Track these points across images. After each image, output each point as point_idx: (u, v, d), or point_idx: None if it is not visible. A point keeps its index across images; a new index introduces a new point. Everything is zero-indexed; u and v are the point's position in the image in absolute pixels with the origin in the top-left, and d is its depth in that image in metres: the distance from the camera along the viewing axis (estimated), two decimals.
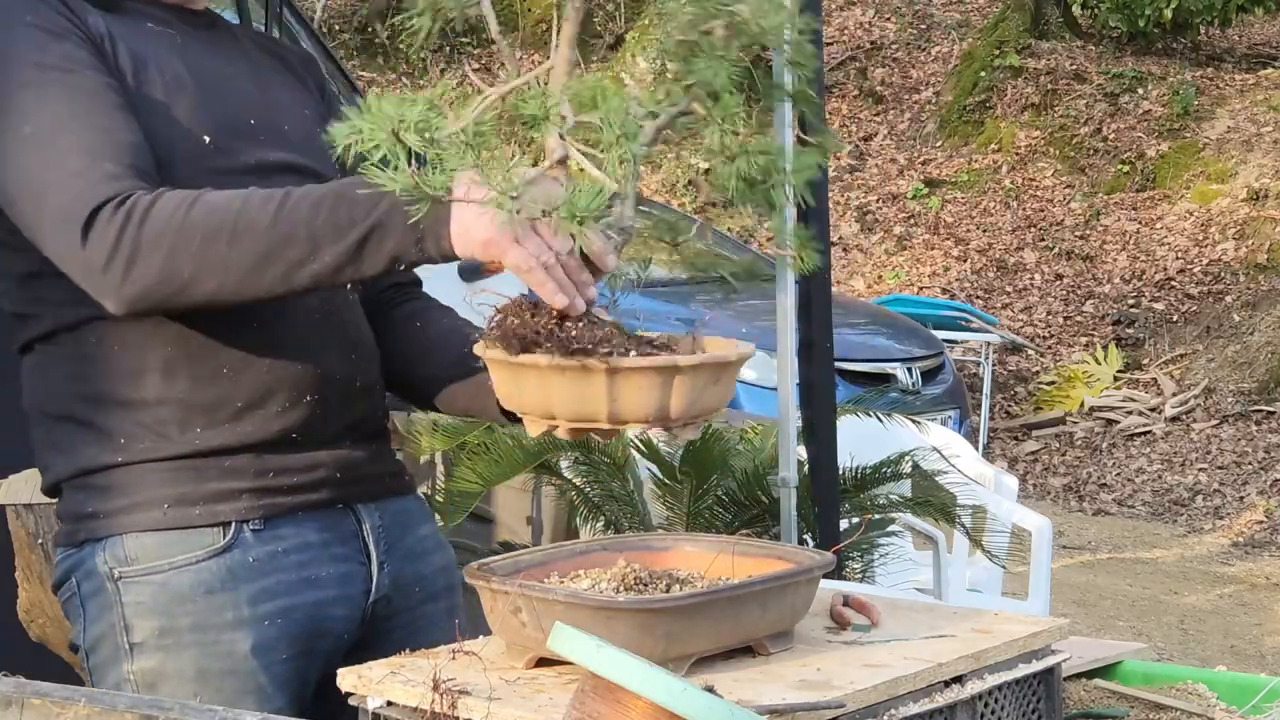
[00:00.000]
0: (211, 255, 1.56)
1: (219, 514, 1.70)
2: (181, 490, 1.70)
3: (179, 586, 1.69)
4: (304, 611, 1.73)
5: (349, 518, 1.81)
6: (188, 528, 1.69)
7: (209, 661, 1.69)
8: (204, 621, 1.69)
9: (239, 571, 1.70)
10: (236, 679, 1.69)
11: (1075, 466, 9.33)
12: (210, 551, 1.70)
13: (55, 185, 1.59)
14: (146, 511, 1.70)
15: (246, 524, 1.71)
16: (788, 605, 1.58)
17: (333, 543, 1.78)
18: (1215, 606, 6.66)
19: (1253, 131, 11.89)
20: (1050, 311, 11.11)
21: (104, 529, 1.71)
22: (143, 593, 1.69)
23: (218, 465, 1.71)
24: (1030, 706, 1.66)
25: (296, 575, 1.73)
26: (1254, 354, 9.96)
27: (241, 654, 1.69)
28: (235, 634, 1.69)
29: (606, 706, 1.17)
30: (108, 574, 1.70)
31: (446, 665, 1.51)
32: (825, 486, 3.80)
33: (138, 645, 1.70)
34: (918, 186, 12.60)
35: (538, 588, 1.52)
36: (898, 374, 7.80)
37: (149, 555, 1.69)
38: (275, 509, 1.73)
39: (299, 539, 1.75)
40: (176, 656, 1.69)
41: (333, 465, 1.78)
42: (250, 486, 1.72)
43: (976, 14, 14.60)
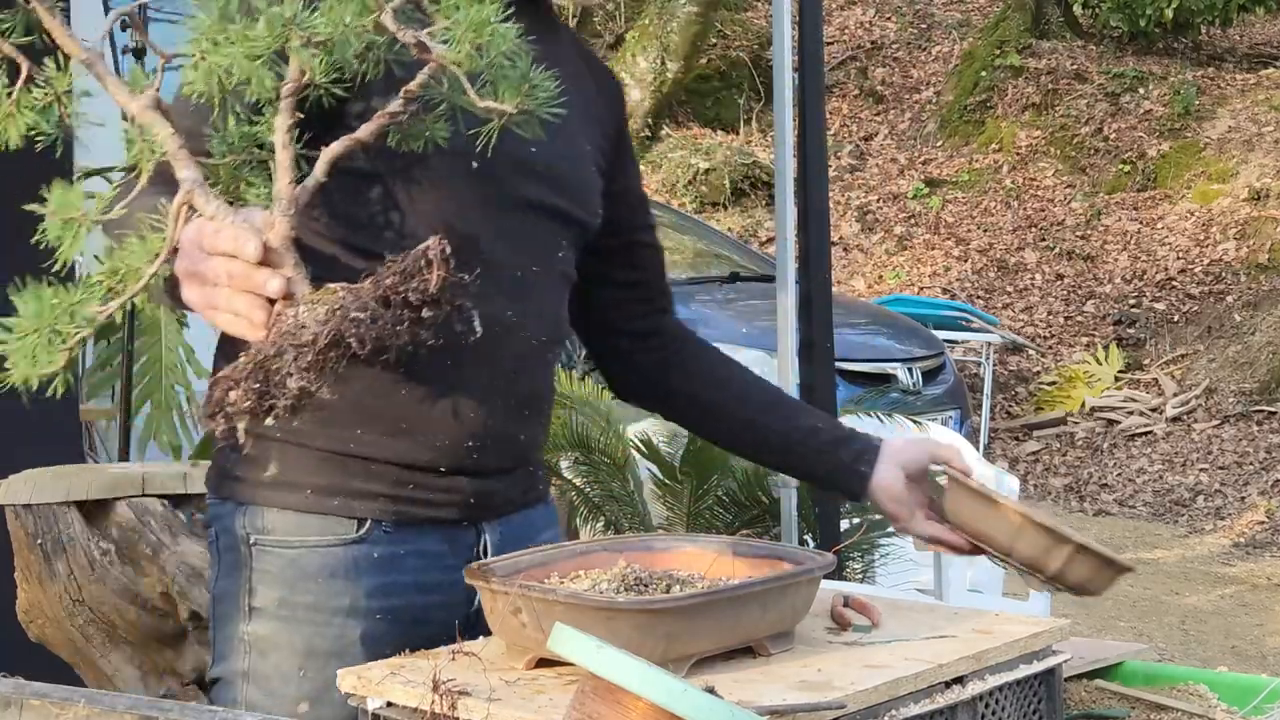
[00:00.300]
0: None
1: (354, 509, 1.75)
2: (325, 481, 1.75)
3: (307, 564, 1.75)
4: (410, 614, 1.77)
5: (471, 533, 1.83)
6: (324, 514, 1.75)
7: (319, 641, 1.74)
8: (322, 603, 1.74)
9: (363, 564, 1.75)
10: (340, 662, 1.73)
11: (1076, 467, 9.33)
12: (342, 540, 1.75)
13: None
14: (290, 492, 1.75)
15: (380, 524, 1.76)
16: (788, 606, 1.58)
17: (448, 555, 1.81)
18: (1216, 607, 6.66)
19: (1254, 131, 11.89)
20: (1051, 311, 11.12)
21: (246, 495, 1.78)
22: (272, 563, 1.75)
23: (364, 468, 1.75)
24: (1031, 707, 1.66)
25: (411, 578, 1.78)
26: (1255, 354, 9.96)
27: (350, 640, 1.74)
28: (348, 620, 1.74)
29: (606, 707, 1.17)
30: (244, 538, 1.77)
31: (446, 666, 1.51)
32: None
33: (257, 610, 1.76)
34: (918, 186, 12.61)
35: (538, 588, 1.52)
36: (898, 374, 7.80)
37: (285, 530, 1.75)
38: (406, 517, 1.78)
39: (420, 546, 1.79)
40: (290, 629, 1.75)
41: (470, 493, 1.80)
42: (388, 493, 1.76)
43: (977, 13, 14.61)
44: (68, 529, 3.08)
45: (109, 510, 3.11)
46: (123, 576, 3.09)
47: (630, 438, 4.25)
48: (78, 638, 3.12)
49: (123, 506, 3.11)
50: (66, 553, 3.08)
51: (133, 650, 3.16)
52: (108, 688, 3.04)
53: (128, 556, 3.10)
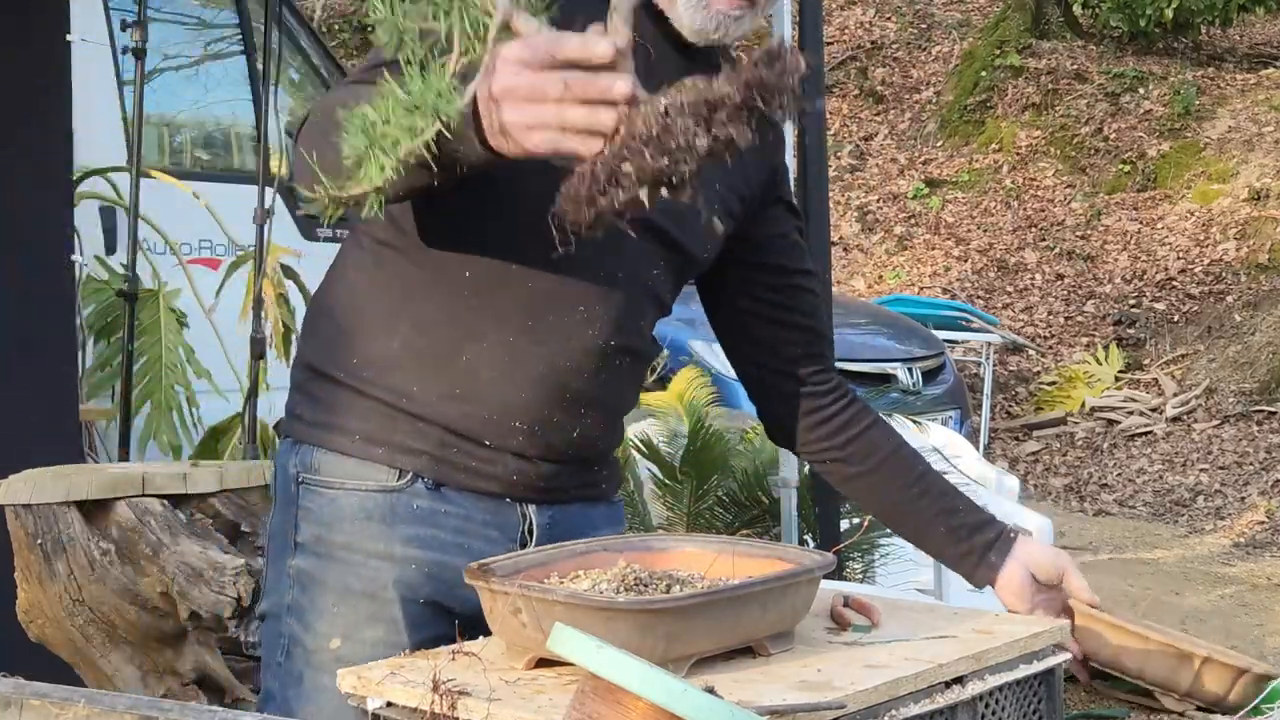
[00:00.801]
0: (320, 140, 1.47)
1: (397, 461, 1.79)
2: (372, 429, 1.79)
3: (344, 505, 1.80)
4: (448, 573, 1.79)
5: (515, 509, 1.86)
6: (369, 460, 1.80)
7: (352, 580, 1.79)
8: (355, 543, 1.79)
9: (401, 511, 1.80)
10: (374, 604, 1.78)
11: (1076, 467, 9.33)
12: (381, 486, 1.80)
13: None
14: (339, 435, 1.81)
15: (421, 478, 1.80)
16: (788, 606, 1.58)
17: (491, 525, 1.84)
18: (1216, 607, 6.67)
19: (1254, 131, 11.89)
20: (1051, 311, 11.12)
21: (301, 434, 1.84)
22: (315, 501, 1.81)
23: (412, 424, 1.79)
24: (1031, 707, 1.66)
25: (452, 539, 1.81)
26: (1255, 354, 9.96)
27: (384, 582, 1.79)
28: (381, 563, 1.79)
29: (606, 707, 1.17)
30: (294, 476, 1.83)
31: (446, 666, 1.51)
32: (825, 487, 3.80)
33: (300, 545, 1.82)
34: (918, 186, 12.61)
35: (538, 588, 1.52)
36: (898, 374, 7.80)
37: (329, 470, 1.81)
38: (448, 479, 1.81)
39: (463, 510, 1.82)
40: (325, 566, 1.80)
41: (513, 470, 1.82)
42: (432, 452, 1.80)
43: (977, 13, 14.61)
44: (68, 529, 3.08)
45: (109, 510, 3.11)
46: (123, 576, 3.09)
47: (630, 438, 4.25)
48: (78, 638, 3.12)
49: (123, 506, 3.11)
50: (66, 553, 3.08)
51: (133, 650, 3.16)
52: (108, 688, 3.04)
53: (128, 556, 3.10)
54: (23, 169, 3.84)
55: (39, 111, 3.87)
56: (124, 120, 5.61)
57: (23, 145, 3.83)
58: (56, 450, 3.62)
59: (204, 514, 3.31)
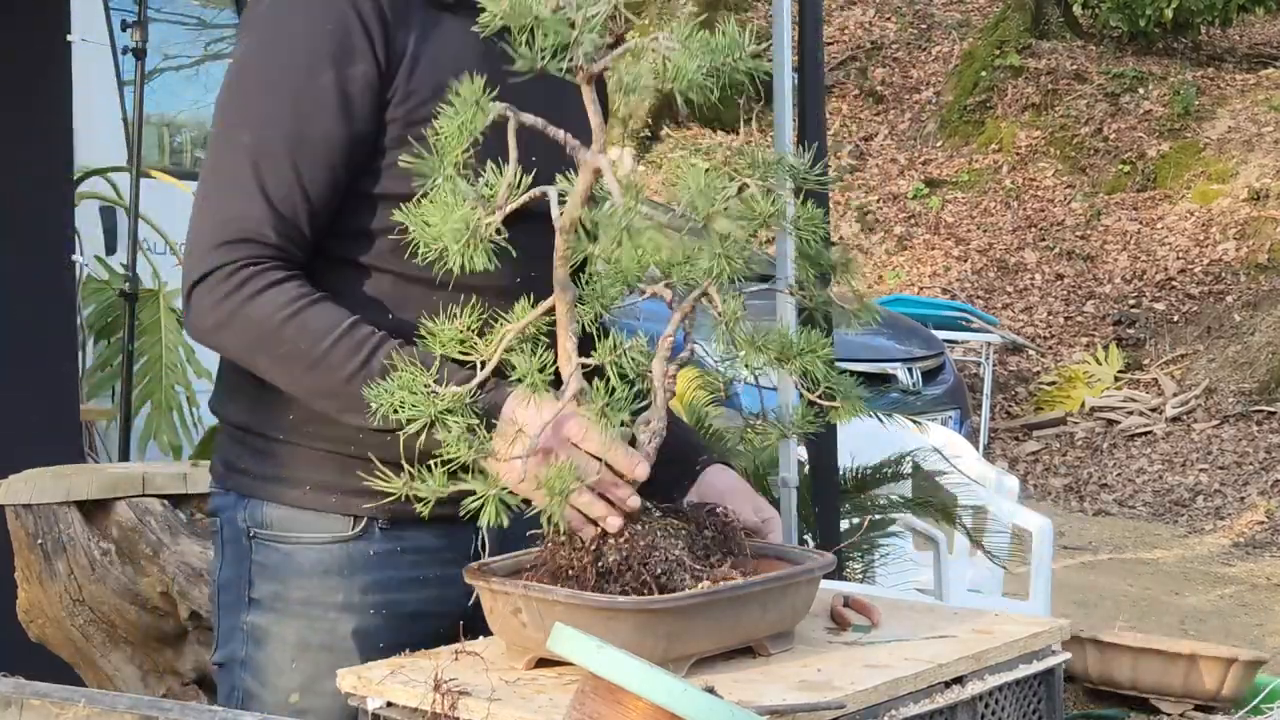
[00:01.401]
0: (285, 369, 1.67)
1: (352, 506, 1.78)
2: (325, 478, 1.78)
3: (301, 561, 1.78)
4: (406, 609, 1.80)
5: (468, 529, 1.82)
6: (322, 511, 1.78)
7: (310, 634, 1.78)
8: (314, 598, 1.78)
9: (358, 560, 1.78)
10: (332, 656, 1.76)
11: (1076, 467, 9.33)
12: (336, 538, 1.78)
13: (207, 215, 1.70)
14: (291, 488, 1.79)
15: (376, 521, 1.79)
16: (788, 606, 1.58)
17: (445, 549, 1.82)
18: (1216, 607, 6.67)
19: (1254, 131, 11.89)
20: (1051, 312, 11.12)
21: (250, 489, 1.82)
22: (270, 556, 1.79)
23: (365, 466, 1.75)
24: (1031, 707, 1.66)
25: (408, 574, 1.80)
26: (1255, 354, 9.96)
27: (342, 634, 1.78)
28: (340, 615, 1.78)
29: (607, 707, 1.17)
30: (244, 530, 1.81)
31: (447, 666, 1.51)
32: (825, 486, 3.80)
33: (255, 601, 1.80)
34: (918, 186, 12.61)
35: (538, 588, 1.52)
36: (898, 374, 7.79)
37: (282, 525, 1.79)
38: (404, 514, 1.76)
39: (417, 542, 1.81)
40: (283, 622, 1.78)
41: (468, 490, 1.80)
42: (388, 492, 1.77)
43: (977, 14, 14.61)
44: (68, 529, 3.08)
45: (109, 510, 3.11)
46: (123, 576, 3.09)
47: None
48: (78, 638, 3.12)
49: (123, 506, 3.11)
50: (66, 553, 3.08)
51: (133, 650, 3.16)
52: (108, 688, 3.04)
53: (128, 556, 3.10)
54: (23, 169, 3.83)
55: (39, 111, 3.87)
56: (124, 120, 5.61)
57: (23, 145, 3.83)
58: (56, 450, 3.61)
59: (204, 514, 3.30)
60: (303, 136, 1.68)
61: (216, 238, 1.67)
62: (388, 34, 1.70)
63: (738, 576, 1.52)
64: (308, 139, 1.68)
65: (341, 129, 1.69)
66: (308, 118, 1.68)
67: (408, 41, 1.72)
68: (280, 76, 1.70)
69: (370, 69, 1.69)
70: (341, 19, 1.69)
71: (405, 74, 1.71)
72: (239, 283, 1.65)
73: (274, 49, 1.72)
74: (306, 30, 1.70)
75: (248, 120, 1.70)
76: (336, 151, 1.69)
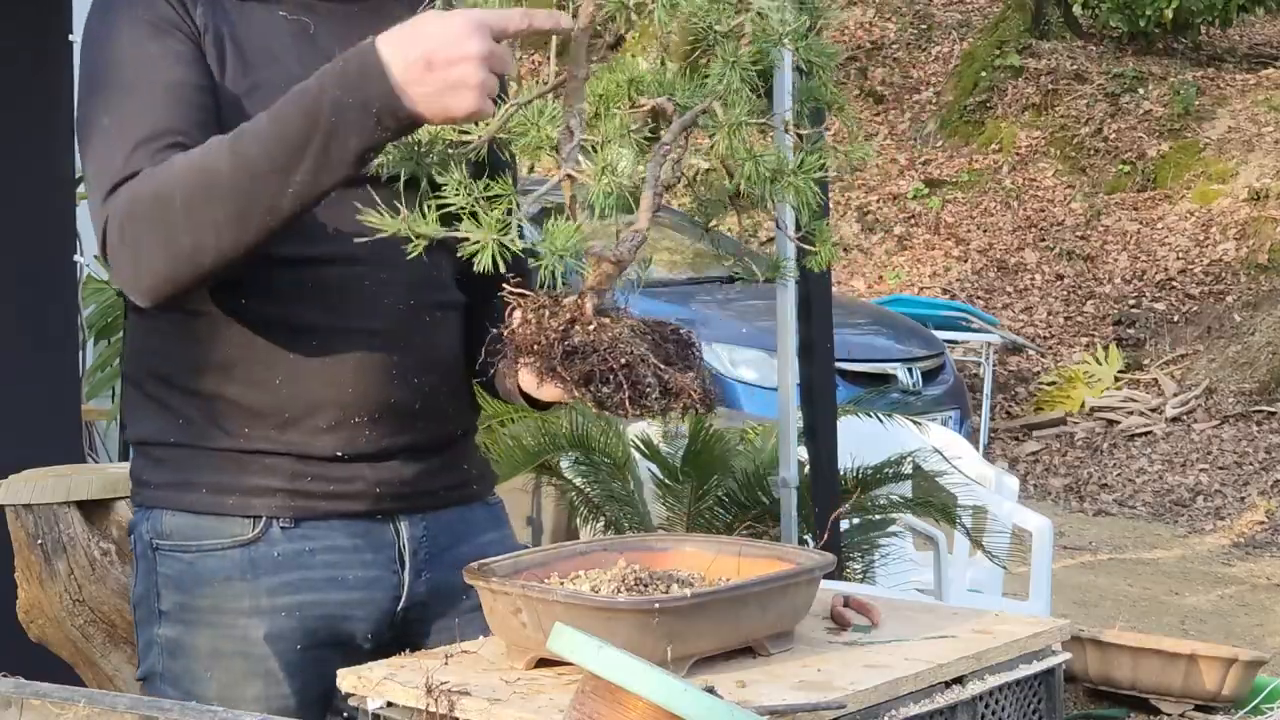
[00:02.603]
0: (196, 219, 1.58)
1: (251, 507, 1.76)
2: (220, 479, 1.76)
3: (202, 569, 1.76)
4: (325, 609, 1.77)
5: (387, 527, 1.82)
6: (220, 514, 1.76)
7: (221, 642, 1.76)
8: (221, 605, 1.76)
9: (261, 563, 1.75)
10: (247, 661, 1.75)
11: (1076, 467, 9.33)
12: (236, 541, 1.76)
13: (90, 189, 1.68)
14: (186, 492, 1.77)
15: (276, 520, 1.76)
16: (788, 606, 1.58)
17: (364, 549, 1.80)
18: (1216, 607, 6.66)
19: (1254, 131, 11.89)
20: (1051, 312, 11.11)
21: (151, 499, 1.80)
22: (173, 567, 1.78)
23: (258, 462, 1.76)
24: (1031, 707, 1.66)
25: (323, 574, 1.77)
26: (1255, 354, 9.96)
27: (254, 639, 1.75)
28: (250, 620, 1.75)
29: (606, 707, 1.17)
30: (149, 543, 1.80)
31: (446, 667, 1.51)
32: (825, 487, 3.80)
33: (164, 613, 1.79)
34: (918, 186, 12.60)
35: (538, 588, 1.52)
36: (898, 374, 7.80)
37: (181, 534, 1.77)
38: (308, 511, 1.77)
39: (328, 541, 1.78)
40: (194, 632, 1.77)
41: (374, 480, 1.79)
42: (285, 487, 1.76)
43: (977, 14, 14.60)
44: (68, 529, 3.08)
45: (109, 510, 3.11)
46: (123, 576, 3.09)
47: (630, 438, 4.25)
48: (78, 638, 3.12)
49: (123, 506, 3.11)
50: (67, 553, 3.08)
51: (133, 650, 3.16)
52: (108, 688, 3.04)
53: (128, 556, 3.10)
54: (24, 169, 3.83)
55: (39, 111, 3.87)
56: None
57: (24, 145, 3.83)
58: (56, 450, 3.61)
59: None
60: (150, 89, 1.67)
61: (97, 203, 1.65)
62: (187, 9, 1.72)
63: (695, 389, 1.48)
64: (154, 89, 1.67)
65: (188, 77, 1.69)
66: (150, 76, 1.68)
67: (208, 18, 1.73)
68: (115, 63, 1.71)
69: (190, 33, 1.71)
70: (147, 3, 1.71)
71: (210, 45, 1.72)
72: (115, 206, 1.62)
73: (103, 46, 1.73)
74: (127, 17, 1.71)
75: (100, 109, 1.69)
76: (189, 93, 1.68)
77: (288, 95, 1.56)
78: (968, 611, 1.77)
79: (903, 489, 4.37)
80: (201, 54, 1.71)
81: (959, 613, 1.77)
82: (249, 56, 1.74)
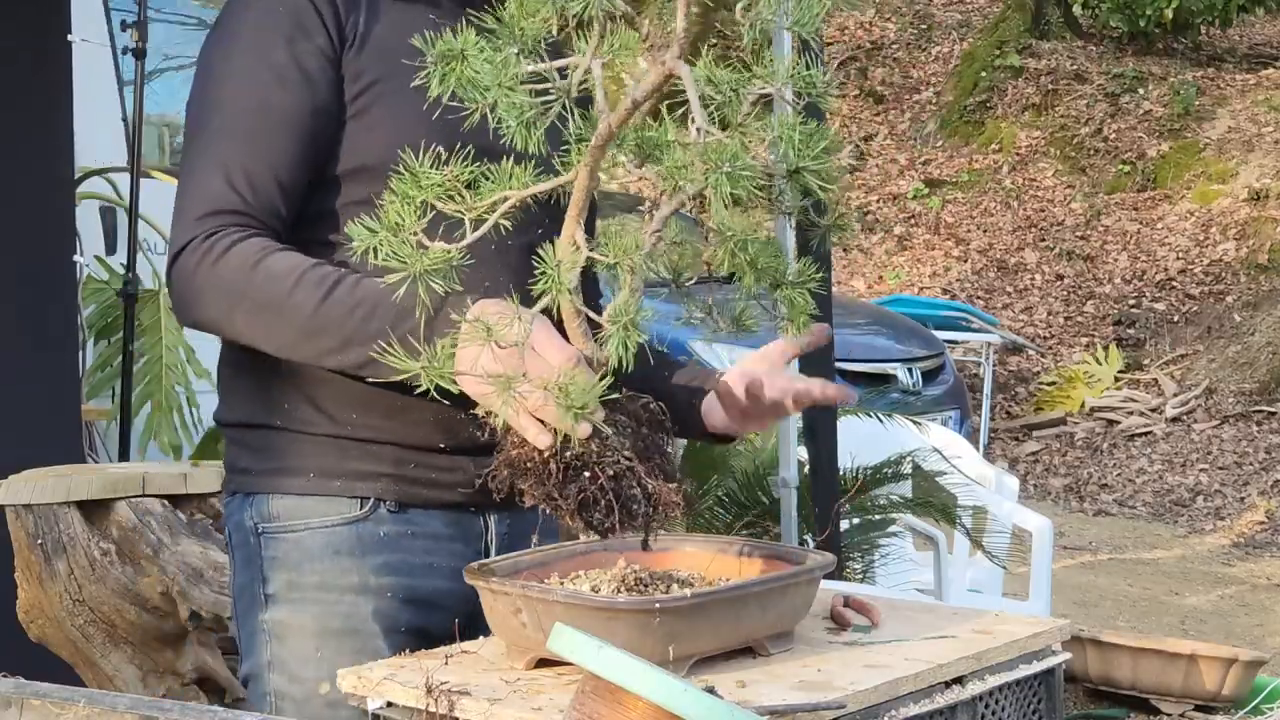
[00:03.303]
0: (259, 321, 1.67)
1: (357, 490, 1.78)
2: (326, 463, 1.78)
3: (310, 545, 1.78)
4: (423, 595, 1.80)
5: (477, 520, 1.85)
6: (328, 495, 1.78)
7: (330, 619, 1.77)
8: (329, 581, 1.77)
9: (368, 541, 1.78)
10: (357, 639, 1.76)
11: (1076, 467, 9.33)
12: (345, 519, 1.78)
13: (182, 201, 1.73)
14: (292, 477, 1.79)
15: (383, 502, 1.79)
16: (788, 606, 1.58)
17: (457, 539, 1.83)
18: (1216, 607, 6.67)
19: (1254, 132, 11.89)
20: (1051, 312, 11.12)
21: (252, 485, 1.82)
22: (279, 547, 1.79)
23: (362, 449, 1.78)
24: (1031, 707, 1.66)
25: (421, 560, 1.80)
26: (1255, 354, 9.96)
27: (363, 616, 1.77)
28: (358, 597, 1.77)
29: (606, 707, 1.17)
30: (251, 529, 1.81)
31: (446, 667, 1.51)
32: (825, 487, 3.80)
33: (271, 596, 1.79)
34: (918, 187, 12.61)
35: (538, 588, 1.52)
36: (898, 374, 7.80)
37: (288, 514, 1.79)
38: (411, 497, 1.80)
39: (428, 527, 1.81)
40: (301, 610, 1.78)
41: (473, 473, 1.80)
42: (391, 473, 1.79)
43: (977, 14, 14.60)
44: (68, 529, 3.08)
45: (109, 510, 3.11)
46: (123, 576, 3.09)
47: None
48: (78, 638, 3.12)
49: (123, 506, 3.11)
50: (67, 553, 3.08)
51: (133, 650, 3.16)
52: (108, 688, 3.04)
53: (128, 556, 3.10)
54: (24, 169, 3.83)
55: (39, 111, 3.87)
56: (124, 120, 5.60)
57: (23, 145, 3.83)
58: (56, 450, 3.62)
59: (204, 514, 3.31)
60: (265, 111, 1.72)
61: (188, 218, 1.70)
62: (338, 14, 1.76)
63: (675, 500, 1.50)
64: (270, 113, 1.72)
65: (302, 101, 1.73)
66: (268, 93, 1.73)
67: (358, 22, 1.77)
68: (239, 61, 1.75)
69: (325, 43, 1.75)
70: (292, 3, 1.75)
71: (354, 53, 1.76)
72: (206, 249, 1.67)
73: (231, 38, 1.78)
74: (259, 17, 1.76)
75: (213, 107, 1.75)
76: (300, 123, 1.73)
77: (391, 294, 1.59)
78: (968, 611, 1.77)
79: (903, 489, 4.37)
80: (337, 60, 1.75)
81: (959, 613, 1.77)
82: (392, 56, 1.74)
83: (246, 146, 1.72)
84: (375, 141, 1.74)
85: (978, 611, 1.76)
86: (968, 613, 1.76)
